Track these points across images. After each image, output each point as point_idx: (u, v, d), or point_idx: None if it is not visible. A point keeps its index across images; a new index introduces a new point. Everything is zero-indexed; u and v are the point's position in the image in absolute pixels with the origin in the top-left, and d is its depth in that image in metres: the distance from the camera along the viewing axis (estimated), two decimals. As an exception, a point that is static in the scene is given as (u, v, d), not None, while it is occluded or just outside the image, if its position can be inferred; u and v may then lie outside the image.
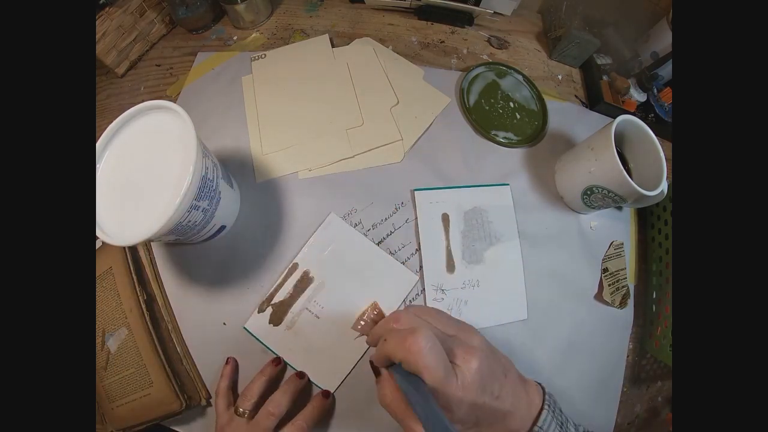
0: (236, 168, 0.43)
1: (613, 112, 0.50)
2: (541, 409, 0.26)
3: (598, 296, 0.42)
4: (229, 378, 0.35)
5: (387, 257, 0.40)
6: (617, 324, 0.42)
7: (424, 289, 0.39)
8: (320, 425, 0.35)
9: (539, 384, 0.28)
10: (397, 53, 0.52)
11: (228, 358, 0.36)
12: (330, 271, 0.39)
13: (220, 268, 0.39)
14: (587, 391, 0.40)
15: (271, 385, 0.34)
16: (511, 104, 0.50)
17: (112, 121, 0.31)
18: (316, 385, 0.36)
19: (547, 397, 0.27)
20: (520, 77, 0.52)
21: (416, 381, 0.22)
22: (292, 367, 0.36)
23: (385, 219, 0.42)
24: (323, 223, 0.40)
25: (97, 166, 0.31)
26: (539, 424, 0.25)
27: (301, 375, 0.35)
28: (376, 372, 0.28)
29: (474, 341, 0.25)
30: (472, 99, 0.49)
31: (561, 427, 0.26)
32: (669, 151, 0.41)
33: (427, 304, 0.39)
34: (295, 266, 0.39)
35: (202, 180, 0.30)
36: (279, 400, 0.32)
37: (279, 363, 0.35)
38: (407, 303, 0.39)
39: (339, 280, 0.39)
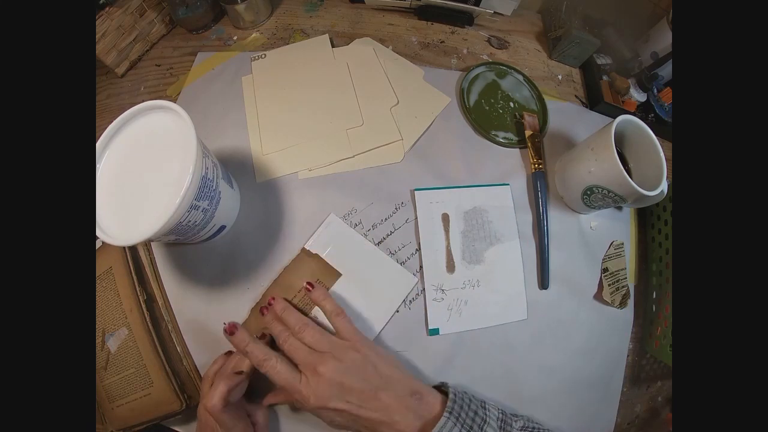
0: (236, 168, 0.43)
1: (613, 112, 0.50)
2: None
3: (598, 296, 0.42)
4: (219, 365, 0.34)
5: (386, 258, 0.40)
6: (617, 324, 0.42)
7: (424, 288, 0.39)
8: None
9: (448, 391, 0.30)
10: (397, 53, 0.52)
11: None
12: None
13: (220, 268, 0.39)
14: (587, 391, 0.40)
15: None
16: (511, 104, 0.50)
17: (112, 121, 0.31)
18: None
19: (450, 403, 0.28)
20: (520, 77, 0.52)
21: None
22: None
23: (385, 219, 0.42)
24: (323, 223, 0.40)
25: (97, 166, 0.31)
26: (435, 430, 0.26)
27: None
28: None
29: (328, 363, 0.29)
30: (472, 99, 0.49)
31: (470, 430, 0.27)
32: (669, 151, 0.41)
33: (428, 304, 0.39)
34: (295, 266, 0.39)
35: (202, 180, 0.30)
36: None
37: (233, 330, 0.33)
38: (407, 304, 0.39)
39: (338, 281, 0.39)
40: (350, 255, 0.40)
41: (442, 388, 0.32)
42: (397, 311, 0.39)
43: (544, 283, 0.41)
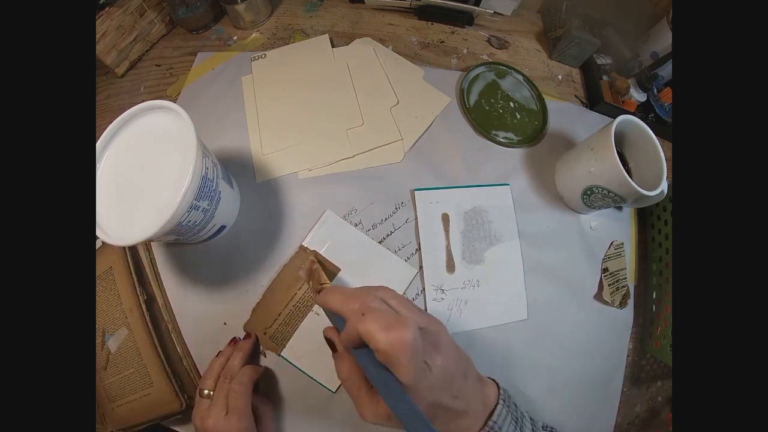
0: (236, 168, 0.43)
1: (613, 112, 0.50)
2: (496, 404, 0.26)
3: (598, 296, 0.42)
4: (221, 364, 0.34)
5: (384, 251, 0.40)
6: (617, 324, 0.42)
7: (424, 288, 0.39)
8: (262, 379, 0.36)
9: (494, 381, 0.29)
10: (397, 53, 0.52)
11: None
12: (329, 270, 0.39)
13: (220, 268, 0.39)
14: (587, 391, 0.40)
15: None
16: (511, 104, 0.50)
17: (112, 121, 0.31)
18: (319, 383, 0.36)
19: (501, 392, 0.27)
20: (520, 77, 0.52)
21: (386, 374, 0.21)
22: (290, 362, 0.36)
23: (385, 219, 0.42)
24: (319, 219, 0.40)
25: (97, 166, 0.31)
26: (494, 418, 0.25)
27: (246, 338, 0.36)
28: (332, 346, 0.27)
29: (442, 338, 0.24)
30: (472, 99, 0.49)
31: (516, 423, 0.26)
32: (669, 151, 0.41)
33: (427, 304, 0.39)
34: (294, 266, 0.39)
35: (202, 180, 0.30)
36: (230, 367, 0.32)
37: (235, 342, 0.36)
38: (413, 299, 0.39)
39: (338, 276, 0.39)
40: (348, 250, 0.40)
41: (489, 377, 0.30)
42: (397, 311, 0.39)
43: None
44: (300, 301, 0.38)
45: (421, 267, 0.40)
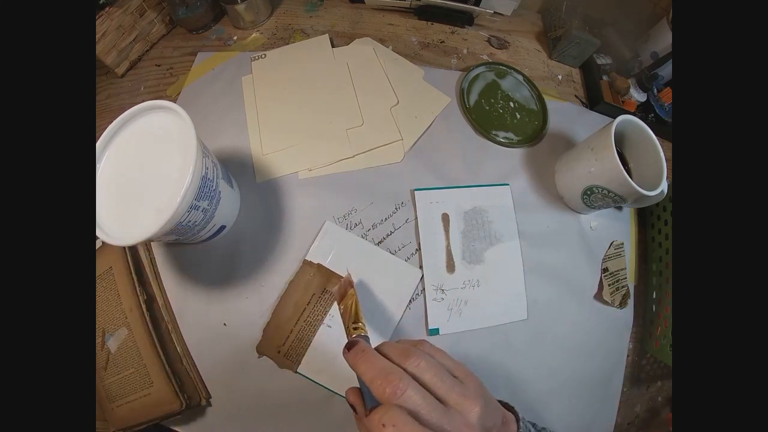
0: (236, 168, 0.43)
1: (613, 112, 0.50)
2: None
3: (598, 296, 0.42)
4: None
5: (389, 256, 0.40)
6: (617, 324, 0.42)
7: (424, 289, 0.39)
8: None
9: (513, 410, 0.26)
10: (397, 53, 0.52)
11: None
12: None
13: (220, 268, 0.39)
14: (587, 391, 0.40)
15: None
16: (511, 104, 0.50)
17: (112, 121, 0.31)
18: (335, 393, 0.36)
19: (521, 426, 0.25)
20: (520, 77, 0.52)
21: None
22: (308, 378, 0.36)
23: (385, 219, 0.42)
24: (320, 232, 0.40)
25: (97, 166, 0.31)
26: None
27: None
28: (355, 409, 0.24)
29: (472, 416, 0.22)
30: (472, 99, 0.49)
31: None
32: (669, 151, 0.41)
33: (428, 304, 0.39)
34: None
35: (202, 180, 0.30)
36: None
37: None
38: (414, 298, 0.39)
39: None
40: (353, 259, 0.39)
41: (508, 405, 0.27)
42: (397, 311, 0.39)
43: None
44: (310, 315, 0.37)
45: (421, 267, 0.40)
